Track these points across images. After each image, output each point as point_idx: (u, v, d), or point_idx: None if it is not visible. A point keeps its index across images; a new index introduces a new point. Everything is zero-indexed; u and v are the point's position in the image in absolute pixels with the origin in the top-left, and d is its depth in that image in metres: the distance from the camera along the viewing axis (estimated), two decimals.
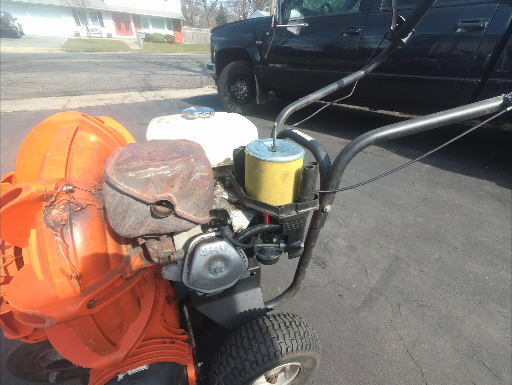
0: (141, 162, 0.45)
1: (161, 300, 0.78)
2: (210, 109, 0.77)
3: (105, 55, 14.42)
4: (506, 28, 2.09)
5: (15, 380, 0.94)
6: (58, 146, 0.54)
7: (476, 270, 1.49)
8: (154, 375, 0.65)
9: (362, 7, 2.85)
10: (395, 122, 0.55)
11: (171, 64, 11.38)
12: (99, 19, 28.73)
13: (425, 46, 2.51)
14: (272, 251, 0.67)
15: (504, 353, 1.09)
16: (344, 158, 0.56)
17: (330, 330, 1.18)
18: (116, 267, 0.54)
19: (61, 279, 0.45)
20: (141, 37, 19.90)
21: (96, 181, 0.56)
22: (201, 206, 0.50)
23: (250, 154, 0.52)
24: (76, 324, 0.50)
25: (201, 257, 0.58)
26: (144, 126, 3.56)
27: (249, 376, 0.70)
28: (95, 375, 0.65)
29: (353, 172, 2.58)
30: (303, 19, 3.28)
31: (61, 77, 6.97)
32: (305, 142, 0.64)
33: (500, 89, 2.23)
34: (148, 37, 25.71)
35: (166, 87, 6.65)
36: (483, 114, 0.54)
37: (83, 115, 0.65)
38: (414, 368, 1.04)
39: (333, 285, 1.39)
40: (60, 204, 0.45)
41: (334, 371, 1.03)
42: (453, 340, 1.14)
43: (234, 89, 4.25)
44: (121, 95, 5.49)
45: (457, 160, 2.85)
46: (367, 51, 2.85)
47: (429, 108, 2.77)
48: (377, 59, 0.97)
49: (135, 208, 0.45)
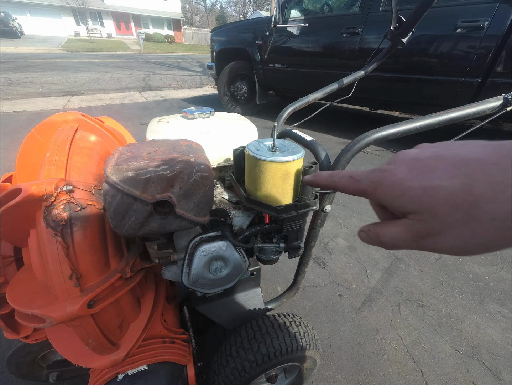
0: (141, 162, 0.45)
1: (161, 300, 0.78)
2: (210, 109, 0.77)
3: (105, 55, 14.42)
4: (506, 28, 2.09)
5: (15, 380, 0.94)
6: (58, 146, 0.54)
7: (476, 270, 1.49)
8: (154, 375, 0.65)
9: (362, 7, 2.85)
10: (395, 122, 0.55)
11: (171, 64, 11.38)
12: (99, 19, 28.74)
13: (425, 46, 2.51)
14: (272, 251, 0.67)
15: (504, 353, 1.09)
16: (344, 158, 0.56)
17: (330, 330, 1.18)
18: (116, 267, 0.54)
19: (61, 279, 0.45)
20: (141, 37, 19.90)
21: (96, 181, 0.56)
22: (201, 206, 0.50)
23: (250, 154, 0.52)
24: (76, 324, 0.50)
25: (201, 257, 0.58)
26: (144, 126, 3.56)
27: (249, 376, 0.70)
28: (95, 375, 0.65)
29: None
30: (303, 19, 3.28)
31: (61, 77, 6.97)
32: (305, 142, 0.64)
33: (500, 89, 2.23)
34: (148, 37, 25.71)
35: (166, 87, 6.65)
36: (483, 114, 0.54)
37: (83, 115, 0.65)
38: (414, 368, 1.04)
39: (333, 285, 1.39)
40: (60, 204, 0.45)
41: (334, 371, 1.03)
42: (453, 340, 1.14)
43: (234, 89, 4.25)
44: (121, 95, 5.49)
45: None
46: (367, 51, 2.85)
47: (429, 108, 2.77)
48: (377, 59, 0.96)
49: (135, 208, 0.45)
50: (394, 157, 0.25)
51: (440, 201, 0.20)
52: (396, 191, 0.22)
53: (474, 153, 0.20)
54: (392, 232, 0.23)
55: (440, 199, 0.20)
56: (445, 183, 0.20)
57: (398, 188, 0.22)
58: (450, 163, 0.20)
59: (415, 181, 0.21)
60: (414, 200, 0.21)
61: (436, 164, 0.21)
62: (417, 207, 0.21)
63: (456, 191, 0.19)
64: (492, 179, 0.18)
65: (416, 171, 0.22)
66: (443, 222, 0.20)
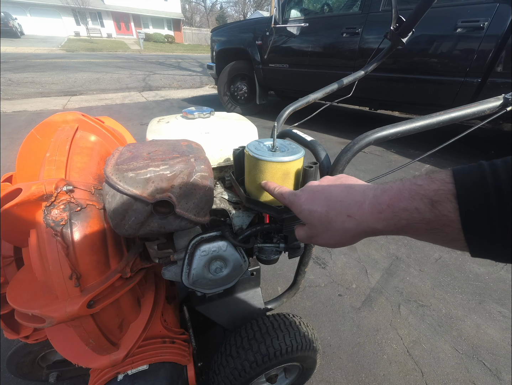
0: (141, 162, 0.45)
1: (161, 300, 0.78)
2: (210, 109, 0.77)
3: (105, 55, 14.42)
4: (506, 28, 2.09)
5: (15, 380, 0.94)
6: (58, 146, 0.54)
7: (476, 270, 1.49)
8: (154, 375, 0.65)
9: (362, 7, 2.85)
10: (395, 122, 0.55)
11: (171, 64, 11.39)
12: (99, 19, 28.75)
13: (425, 46, 2.51)
14: (272, 251, 0.67)
15: (504, 353, 1.09)
16: (344, 158, 0.56)
17: (330, 330, 1.18)
18: (116, 267, 0.54)
19: (61, 279, 0.45)
20: (141, 37, 19.90)
21: (96, 181, 0.56)
22: (201, 205, 0.50)
23: (250, 154, 0.52)
24: (76, 324, 0.50)
25: (201, 257, 0.58)
26: (144, 126, 3.56)
27: (249, 376, 0.70)
28: (95, 375, 0.65)
29: (353, 172, 2.58)
30: (303, 19, 3.28)
31: (61, 77, 6.97)
32: (305, 142, 0.64)
33: (500, 89, 2.23)
34: (148, 37, 25.71)
35: (166, 87, 6.65)
36: (483, 114, 0.54)
37: (83, 115, 0.65)
38: (414, 368, 1.04)
39: (333, 285, 1.39)
40: (60, 204, 0.45)
41: (334, 371, 1.03)
42: (453, 340, 1.14)
43: (234, 89, 4.25)
44: (121, 95, 5.49)
45: (457, 160, 2.85)
46: (367, 51, 2.85)
47: (429, 108, 2.76)
48: (377, 59, 0.96)
49: (135, 208, 0.45)
50: (305, 186, 0.41)
51: (315, 219, 0.36)
52: (298, 209, 0.39)
53: (336, 192, 0.35)
54: (299, 232, 0.41)
55: (315, 218, 0.36)
56: (318, 209, 0.35)
57: (299, 208, 0.38)
58: (324, 197, 0.36)
59: (307, 206, 0.37)
60: (305, 216, 0.37)
61: (318, 195, 0.37)
62: (307, 221, 0.38)
63: (322, 214, 0.35)
64: (338, 209, 0.33)
65: (309, 199, 0.37)
66: (317, 230, 0.36)
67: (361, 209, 0.31)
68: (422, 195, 0.26)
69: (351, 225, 0.32)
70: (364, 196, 0.32)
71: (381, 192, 0.30)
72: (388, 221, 0.29)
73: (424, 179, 0.27)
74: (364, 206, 0.31)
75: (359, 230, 0.32)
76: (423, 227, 0.26)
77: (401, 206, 0.27)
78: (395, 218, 0.28)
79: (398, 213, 0.28)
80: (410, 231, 0.28)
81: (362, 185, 0.34)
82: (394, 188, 0.29)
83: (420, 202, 0.26)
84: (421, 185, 0.26)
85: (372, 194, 0.31)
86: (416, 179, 0.28)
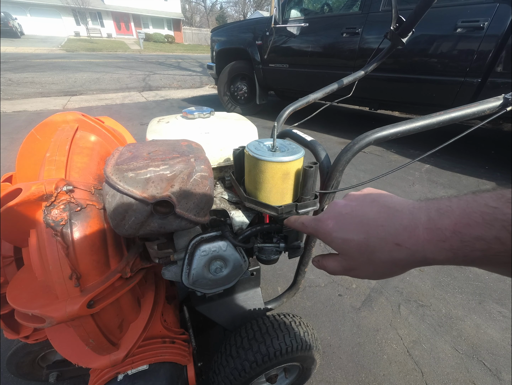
0: (141, 162, 0.45)
1: (161, 300, 0.78)
2: (210, 109, 0.77)
3: (105, 55, 14.42)
4: (506, 28, 2.09)
5: (15, 380, 0.94)
6: (58, 146, 0.54)
7: (476, 270, 1.49)
8: (154, 375, 0.65)
9: (362, 7, 2.85)
10: (395, 122, 0.55)
11: (171, 64, 11.39)
12: (99, 19, 28.75)
13: (425, 46, 2.51)
14: (272, 251, 0.67)
15: (504, 353, 1.09)
16: (344, 158, 0.56)
17: (330, 330, 1.18)
18: (116, 267, 0.54)
19: (61, 279, 0.45)
20: (141, 37, 19.90)
21: (96, 181, 0.56)
22: (201, 205, 0.50)
23: (250, 154, 0.52)
24: (76, 324, 0.50)
25: (201, 257, 0.58)
26: (144, 126, 3.56)
27: (249, 376, 0.70)
28: (95, 375, 0.65)
29: (353, 172, 2.58)
30: (303, 19, 3.28)
31: (61, 77, 6.97)
32: (305, 142, 0.64)
33: (500, 89, 2.23)
34: (148, 37, 25.71)
35: (166, 87, 6.65)
36: (483, 114, 0.54)
37: (83, 115, 0.65)
38: (414, 368, 1.04)
39: (333, 285, 1.39)
40: (60, 204, 0.45)
41: (334, 371, 1.03)
42: (453, 340, 1.14)
43: (234, 89, 4.25)
44: (121, 95, 5.49)
45: (457, 160, 2.85)
46: (367, 51, 2.85)
47: (429, 108, 2.77)
48: (377, 59, 0.96)
49: (135, 208, 0.45)
50: (328, 208, 0.36)
51: (352, 249, 0.30)
52: (328, 238, 0.33)
53: (372, 214, 0.30)
54: (331, 265, 0.34)
55: (352, 248, 0.30)
56: (355, 237, 0.30)
57: (329, 237, 0.33)
58: (359, 221, 0.30)
59: (338, 233, 0.32)
60: (339, 246, 0.32)
61: (350, 220, 0.31)
62: (341, 251, 0.32)
63: (361, 243, 0.29)
64: (381, 236, 0.28)
65: (338, 225, 0.32)
66: (356, 262, 0.31)
67: (413, 235, 0.26)
68: (504, 221, 0.20)
69: (402, 255, 0.27)
70: (414, 218, 0.26)
71: (437, 214, 0.25)
72: (456, 252, 0.23)
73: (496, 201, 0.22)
74: (417, 231, 0.25)
75: (411, 261, 0.27)
76: (506, 260, 0.21)
77: (473, 234, 0.22)
78: (465, 248, 0.23)
79: (470, 243, 0.22)
80: (487, 264, 0.23)
81: (404, 204, 0.29)
82: (454, 209, 0.24)
83: (503, 230, 0.20)
84: (497, 208, 0.21)
85: (425, 216, 0.26)
86: (484, 199, 0.22)
